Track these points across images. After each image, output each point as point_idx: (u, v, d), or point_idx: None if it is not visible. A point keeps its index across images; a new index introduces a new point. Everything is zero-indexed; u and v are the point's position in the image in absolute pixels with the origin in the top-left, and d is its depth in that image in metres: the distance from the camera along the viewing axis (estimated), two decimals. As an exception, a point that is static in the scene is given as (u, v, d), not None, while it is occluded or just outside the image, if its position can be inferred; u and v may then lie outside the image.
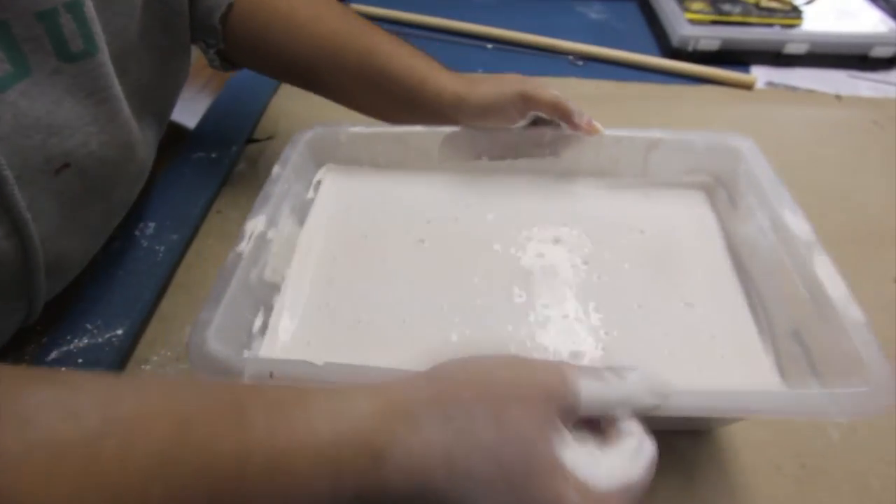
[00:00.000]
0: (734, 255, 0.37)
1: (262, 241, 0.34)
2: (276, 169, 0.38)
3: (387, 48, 0.42)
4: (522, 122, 0.40)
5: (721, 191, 0.40)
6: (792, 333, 0.31)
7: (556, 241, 0.38)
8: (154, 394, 0.22)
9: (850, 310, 0.28)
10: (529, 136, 0.41)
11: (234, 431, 0.21)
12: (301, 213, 0.39)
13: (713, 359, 0.32)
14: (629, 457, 0.22)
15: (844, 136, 0.57)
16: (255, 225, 0.34)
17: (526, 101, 0.39)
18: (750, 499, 0.31)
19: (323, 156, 0.42)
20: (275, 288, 0.35)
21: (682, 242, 0.38)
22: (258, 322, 0.33)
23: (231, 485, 0.20)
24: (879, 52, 0.65)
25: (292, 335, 0.34)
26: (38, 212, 0.31)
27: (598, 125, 0.39)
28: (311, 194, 0.41)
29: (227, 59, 0.47)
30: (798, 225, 0.33)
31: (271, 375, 0.27)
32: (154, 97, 0.40)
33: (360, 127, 0.42)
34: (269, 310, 0.34)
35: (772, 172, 0.36)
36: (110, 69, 0.34)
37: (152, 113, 0.41)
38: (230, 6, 0.43)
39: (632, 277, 0.36)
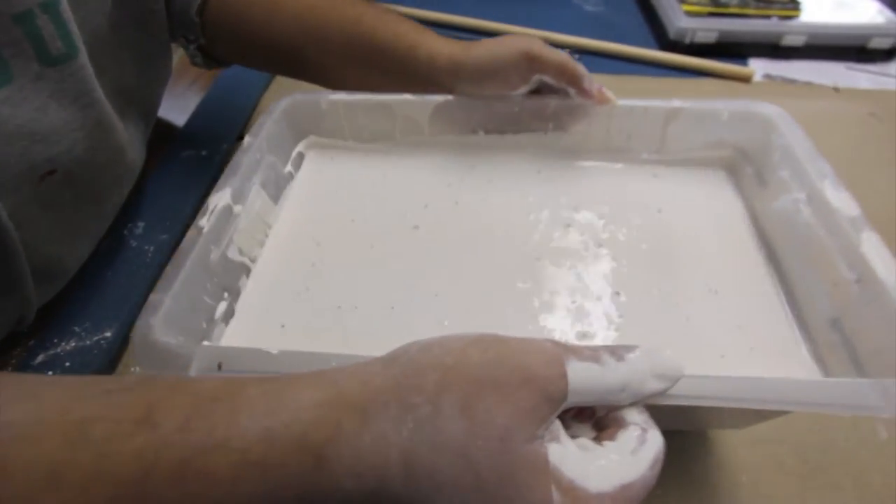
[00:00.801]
0: (762, 236, 0.33)
1: (228, 216, 0.30)
2: (247, 139, 0.34)
3: (371, 17, 0.39)
4: (524, 88, 0.36)
5: (746, 167, 0.36)
6: (830, 322, 0.27)
7: (567, 225, 0.34)
8: (54, 394, 0.19)
9: None
10: (531, 107, 0.37)
11: (139, 430, 0.18)
12: (276, 187, 0.36)
13: (741, 350, 0.28)
14: (629, 451, 0.19)
15: (842, 129, 0.57)
16: (220, 199, 0.30)
17: (531, 62, 0.35)
18: (752, 496, 0.30)
19: (303, 127, 0.39)
20: (242, 269, 0.32)
21: (704, 224, 0.34)
22: (221, 308, 0.29)
23: (133, 490, 0.17)
24: (877, 43, 0.64)
25: (263, 320, 0.30)
26: (21, 218, 0.30)
27: (609, 93, 0.36)
28: (288, 168, 0.37)
29: (209, 55, 0.45)
30: (841, 199, 0.29)
31: (220, 367, 0.23)
32: (136, 97, 0.39)
33: (343, 94, 0.38)
34: (234, 295, 0.30)
35: (809, 142, 0.32)
36: (91, 71, 0.33)
37: (137, 113, 0.40)
38: None
39: (650, 261, 0.32)
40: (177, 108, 0.57)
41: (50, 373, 0.34)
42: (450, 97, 0.37)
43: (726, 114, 0.36)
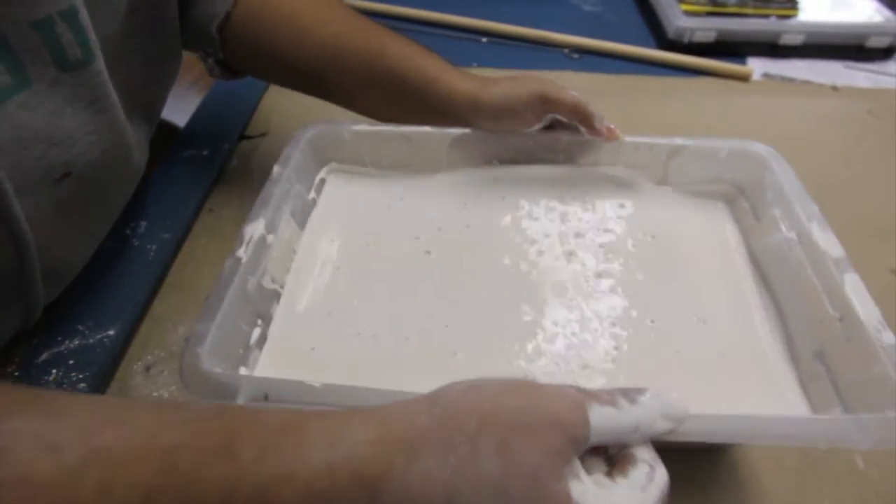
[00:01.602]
0: (756, 268, 0.35)
1: (262, 246, 0.32)
2: (276, 169, 0.36)
3: (395, 48, 0.40)
4: (538, 126, 0.38)
5: (743, 202, 0.38)
6: (815, 354, 0.30)
7: (570, 254, 0.36)
8: (139, 420, 0.21)
9: (882, 334, 0.27)
10: (544, 141, 0.39)
11: (221, 459, 0.20)
12: (302, 215, 0.38)
13: (727, 379, 0.30)
14: (640, 487, 0.21)
15: (841, 127, 0.57)
16: (255, 229, 0.32)
17: (544, 103, 0.37)
18: (752, 491, 0.31)
19: (325, 155, 0.40)
20: (274, 296, 0.33)
21: (700, 254, 0.36)
22: (255, 334, 0.31)
23: None
24: (875, 42, 0.65)
25: (293, 345, 0.32)
26: (37, 220, 0.31)
27: (618, 131, 0.38)
28: (312, 195, 0.39)
29: (226, 66, 0.45)
30: (827, 241, 0.31)
31: (267, 398, 0.25)
32: (143, 99, 0.39)
33: (365, 125, 0.40)
34: (266, 321, 0.32)
35: (799, 184, 0.35)
36: (107, 76, 0.33)
37: (142, 115, 0.40)
38: (228, 15, 0.41)
39: (646, 291, 0.34)
40: (178, 109, 0.57)
41: (54, 371, 0.35)
42: (467, 130, 0.39)
43: (725, 151, 0.38)
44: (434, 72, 0.39)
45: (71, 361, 0.35)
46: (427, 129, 0.39)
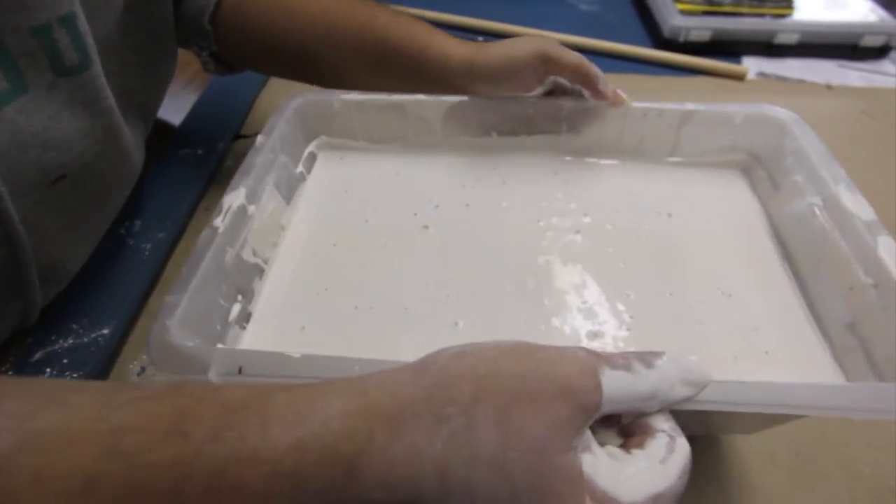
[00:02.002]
0: (777, 240, 0.33)
1: (242, 216, 0.30)
2: (259, 138, 0.34)
3: (384, 18, 0.38)
4: (540, 90, 0.36)
5: (760, 170, 0.36)
6: (847, 326, 0.27)
7: (577, 231, 0.34)
8: (82, 400, 0.18)
9: None
10: (545, 108, 0.36)
11: (171, 441, 0.17)
12: (288, 188, 0.35)
13: (756, 353, 0.28)
14: (659, 460, 0.19)
15: (835, 126, 0.57)
16: (234, 199, 0.30)
17: (546, 63, 0.34)
18: (744, 487, 0.31)
19: (314, 126, 0.38)
20: (256, 270, 0.31)
21: (718, 225, 0.34)
22: (235, 310, 0.29)
23: (167, 502, 0.17)
24: (869, 41, 0.65)
25: (283, 322, 0.30)
26: (32, 223, 0.31)
27: (624, 95, 0.36)
28: (300, 168, 0.37)
29: (221, 61, 0.45)
30: (857, 203, 0.29)
31: (240, 371, 0.22)
32: (139, 99, 0.39)
33: (355, 94, 0.37)
34: (247, 296, 0.30)
35: (823, 146, 0.32)
36: (104, 80, 0.33)
37: (138, 115, 0.40)
38: (218, 4, 0.41)
39: (661, 263, 0.32)
40: (173, 108, 0.57)
41: (48, 370, 0.35)
42: (464, 98, 0.37)
43: (740, 117, 0.36)
44: (426, 38, 0.37)
45: (65, 360, 0.35)
46: (421, 96, 0.37)
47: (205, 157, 0.50)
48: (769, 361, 0.28)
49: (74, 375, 0.34)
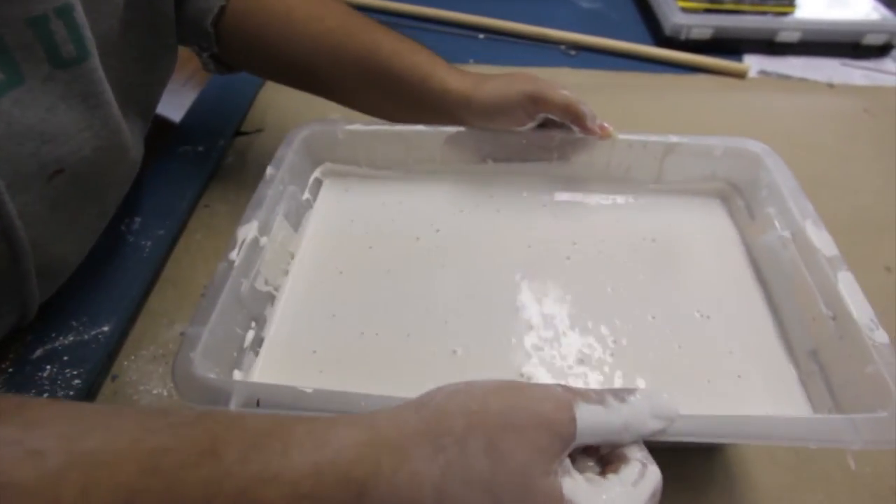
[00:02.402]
0: (753, 267, 0.35)
1: (255, 248, 0.32)
2: (269, 170, 0.36)
3: (389, 45, 0.40)
4: (531, 124, 0.38)
5: (738, 200, 0.38)
6: (810, 353, 0.30)
7: (567, 256, 0.36)
8: (122, 424, 0.21)
9: (875, 332, 0.27)
10: (537, 139, 0.39)
11: (205, 461, 0.19)
12: (297, 215, 0.38)
13: (730, 376, 0.30)
14: (631, 483, 0.21)
15: (836, 125, 0.57)
16: (247, 231, 0.32)
17: (535, 103, 0.37)
18: (745, 489, 0.31)
19: (319, 154, 0.40)
20: (268, 298, 0.33)
21: (698, 252, 0.36)
22: (249, 336, 0.31)
23: None
24: (871, 39, 0.65)
25: (294, 348, 0.32)
26: (30, 217, 0.31)
27: (610, 129, 0.38)
28: (306, 195, 0.39)
29: (221, 61, 0.45)
30: (821, 239, 0.31)
31: (258, 403, 0.25)
32: (139, 95, 0.39)
33: (359, 125, 0.40)
34: (260, 322, 0.32)
35: (794, 181, 0.35)
36: (102, 73, 0.33)
37: (137, 111, 0.40)
38: (222, 9, 0.41)
39: (645, 288, 0.34)
40: (173, 104, 0.56)
41: (48, 367, 0.35)
42: (461, 129, 0.39)
43: (720, 150, 0.38)
44: (427, 68, 0.39)
45: (65, 358, 0.35)
46: (421, 127, 0.39)
47: (205, 154, 0.50)
48: (741, 384, 0.30)
49: (74, 373, 0.34)
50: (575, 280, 0.35)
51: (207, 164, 0.49)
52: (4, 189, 0.29)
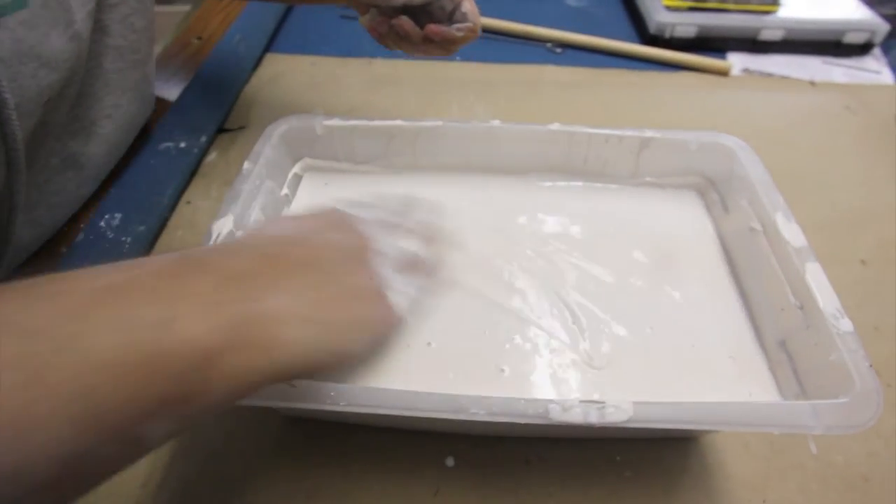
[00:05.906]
0: (727, 257, 0.36)
1: None
2: (246, 165, 0.36)
3: None
4: None
5: (713, 193, 0.39)
6: (779, 342, 0.30)
7: (546, 248, 0.36)
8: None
9: (840, 321, 0.27)
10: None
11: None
12: (274, 211, 0.37)
13: (701, 364, 0.31)
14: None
15: (818, 122, 0.58)
16: (223, 225, 0.32)
17: None
18: (720, 477, 0.31)
19: (298, 149, 0.40)
20: None
21: (676, 244, 0.37)
22: None
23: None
24: (852, 38, 0.65)
25: None
26: (28, 150, 0.33)
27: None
28: (285, 191, 0.39)
29: None
30: (790, 231, 0.32)
31: None
32: (125, 40, 0.41)
33: (338, 119, 0.40)
34: None
35: (766, 175, 0.35)
36: (78, 3, 0.34)
37: (129, 61, 0.41)
38: None
39: (622, 278, 0.35)
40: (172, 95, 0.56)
41: None
42: (438, 122, 0.39)
43: (695, 144, 0.38)
44: None
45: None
46: (400, 122, 0.39)
47: (187, 150, 0.50)
48: (712, 371, 0.30)
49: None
50: (551, 270, 0.35)
51: (189, 160, 0.49)
52: (12, 104, 0.30)
